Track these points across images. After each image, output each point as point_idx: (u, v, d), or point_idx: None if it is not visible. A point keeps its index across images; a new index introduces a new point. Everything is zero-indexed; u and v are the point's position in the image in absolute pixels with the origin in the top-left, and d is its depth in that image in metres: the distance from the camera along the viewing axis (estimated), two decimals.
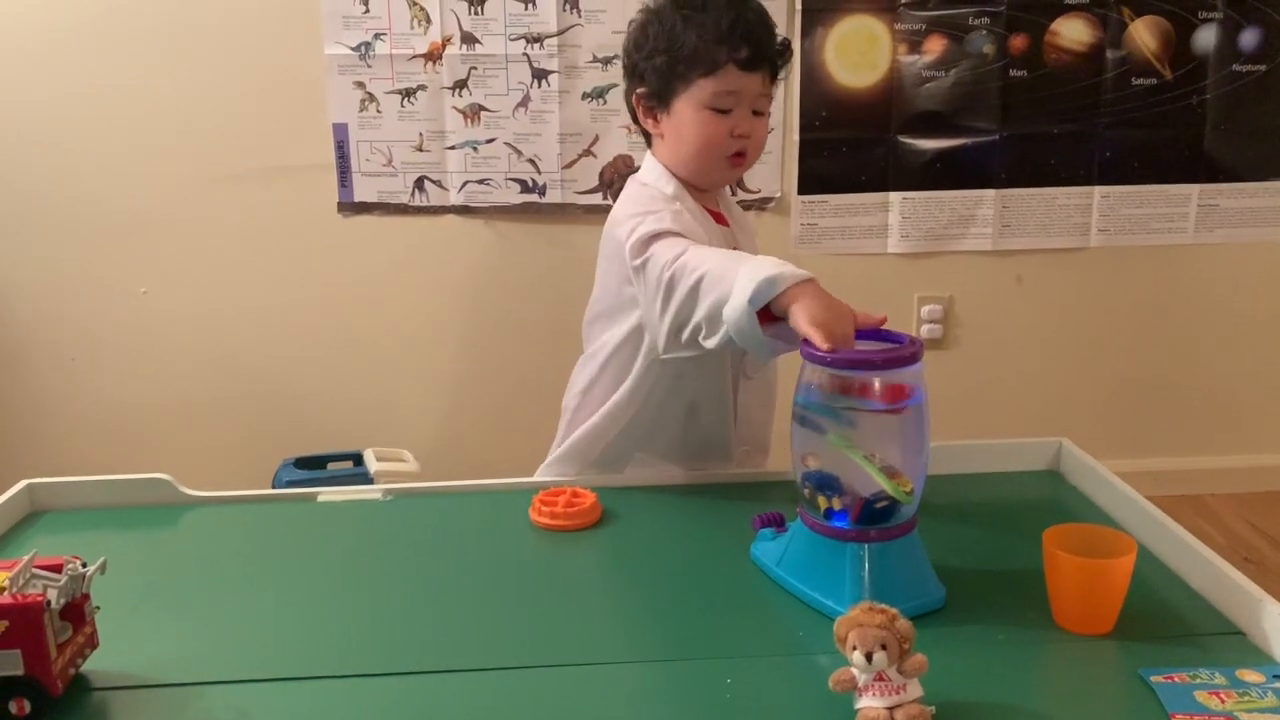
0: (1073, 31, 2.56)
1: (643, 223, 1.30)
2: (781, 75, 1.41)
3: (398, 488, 1.41)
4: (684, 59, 1.34)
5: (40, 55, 2.44)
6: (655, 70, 1.37)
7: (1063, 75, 2.57)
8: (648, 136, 1.45)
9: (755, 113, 1.37)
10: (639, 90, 1.40)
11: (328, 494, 1.39)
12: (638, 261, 1.28)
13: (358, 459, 2.52)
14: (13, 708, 0.91)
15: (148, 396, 2.62)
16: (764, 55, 1.35)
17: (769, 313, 1.12)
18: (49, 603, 0.91)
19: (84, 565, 0.97)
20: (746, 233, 1.50)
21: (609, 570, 1.19)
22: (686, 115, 1.36)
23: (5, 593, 0.90)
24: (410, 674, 0.99)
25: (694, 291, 1.19)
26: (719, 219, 1.44)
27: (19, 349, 2.58)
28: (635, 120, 1.44)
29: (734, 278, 1.13)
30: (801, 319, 1.06)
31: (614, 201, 2.52)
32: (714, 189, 1.45)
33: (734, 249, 1.40)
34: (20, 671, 0.90)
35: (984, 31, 2.54)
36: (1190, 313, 2.74)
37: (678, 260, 1.22)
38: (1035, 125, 2.59)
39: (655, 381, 1.40)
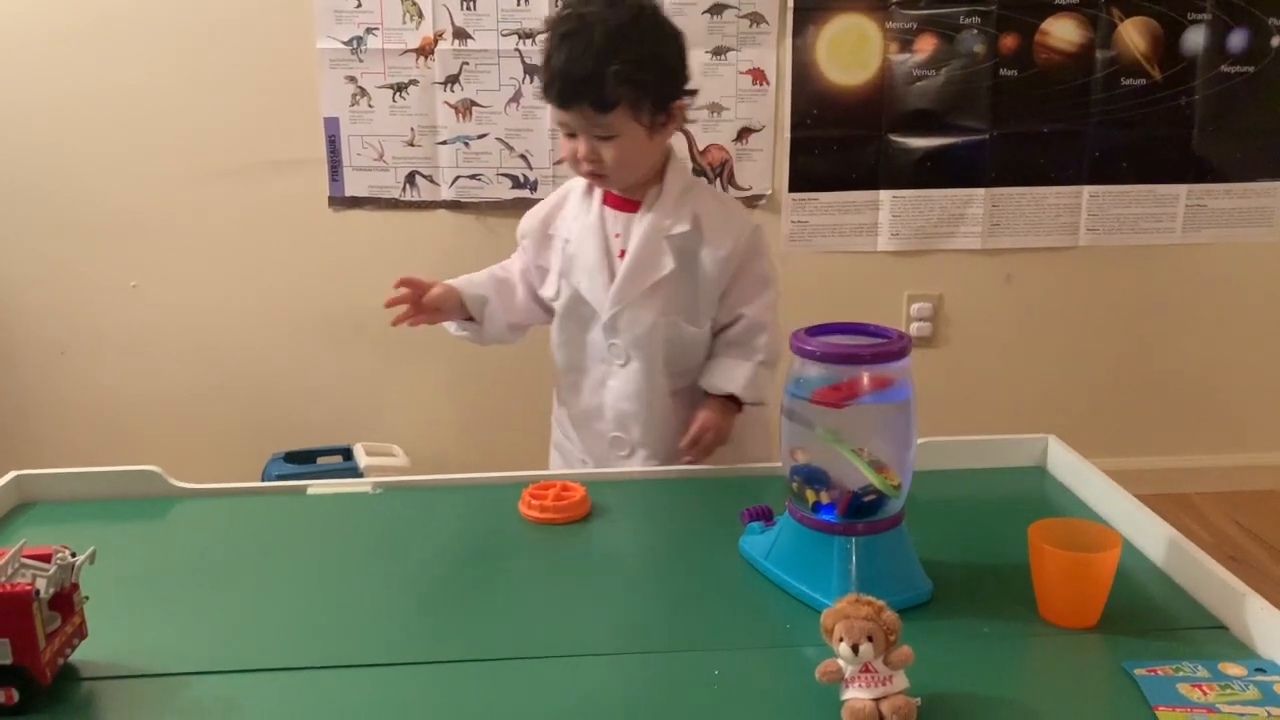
0: (1063, 31, 2.57)
1: None
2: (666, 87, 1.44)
3: (387, 480, 1.41)
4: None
5: (31, 53, 2.44)
6: None
7: (1053, 75, 2.58)
8: None
9: (605, 138, 1.42)
10: None
11: (317, 487, 1.39)
12: None
13: (347, 453, 2.52)
14: (1, 697, 0.91)
15: (138, 389, 2.61)
16: (570, 93, 1.40)
17: None
18: (38, 592, 0.91)
19: (73, 555, 0.97)
20: (661, 226, 1.48)
21: (598, 563, 1.20)
22: None
23: None
24: (399, 665, 0.99)
25: None
26: (623, 205, 1.51)
27: (9, 341, 2.58)
28: None
29: None
30: None
31: None
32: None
33: (615, 235, 1.50)
34: (9, 661, 0.90)
35: (975, 31, 2.55)
36: (1178, 312, 2.75)
37: None
38: (1025, 125, 2.61)
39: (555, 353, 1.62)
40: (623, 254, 1.49)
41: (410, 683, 0.96)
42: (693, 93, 1.52)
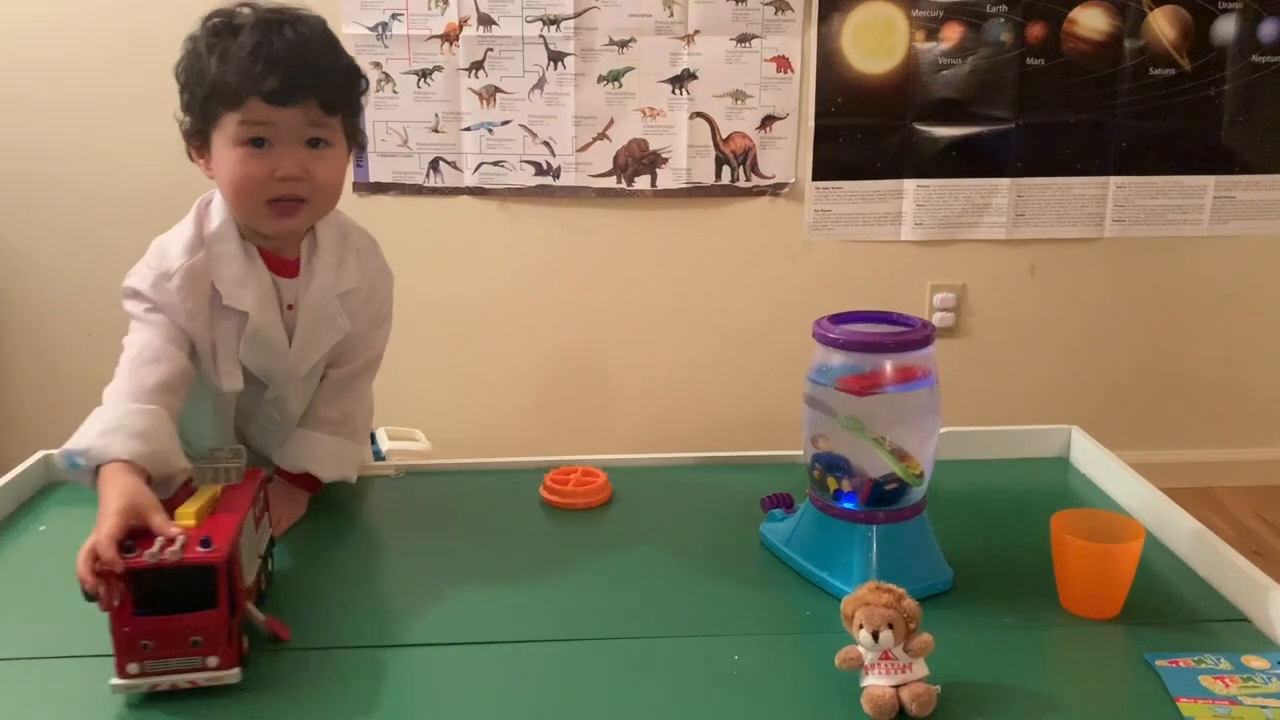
0: (1091, 20, 2.54)
1: (137, 271, 1.26)
2: (355, 106, 1.26)
3: (410, 464, 1.42)
4: (204, 92, 1.18)
5: (56, 36, 2.45)
6: (186, 106, 1.23)
7: (1080, 64, 2.56)
8: None
9: (315, 142, 1.20)
10: (182, 127, 1.25)
11: None
12: (124, 302, 1.28)
13: (370, 437, 2.53)
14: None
15: None
16: (297, 85, 1.16)
17: None
18: None
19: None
20: (332, 286, 1.28)
21: (618, 548, 1.20)
22: (220, 154, 1.20)
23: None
24: (420, 646, 1.00)
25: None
26: (283, 268, 1.26)
27: (37, 324, 2.60)
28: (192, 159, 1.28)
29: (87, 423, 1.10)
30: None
31: (627, 185, 2.55)
32: (274, 237, 1.26)
33: (289, 307, 1.26)
34: None
35: (1002, 19, 2.53)
36: (1203, 305, 2.73)
37: (122, 356, 1.22)
38: (1051, 114, 2.58)
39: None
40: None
41: (430, 664, 0.97)
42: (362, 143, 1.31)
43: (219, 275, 1.22)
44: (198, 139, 1.23)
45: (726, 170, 2.58)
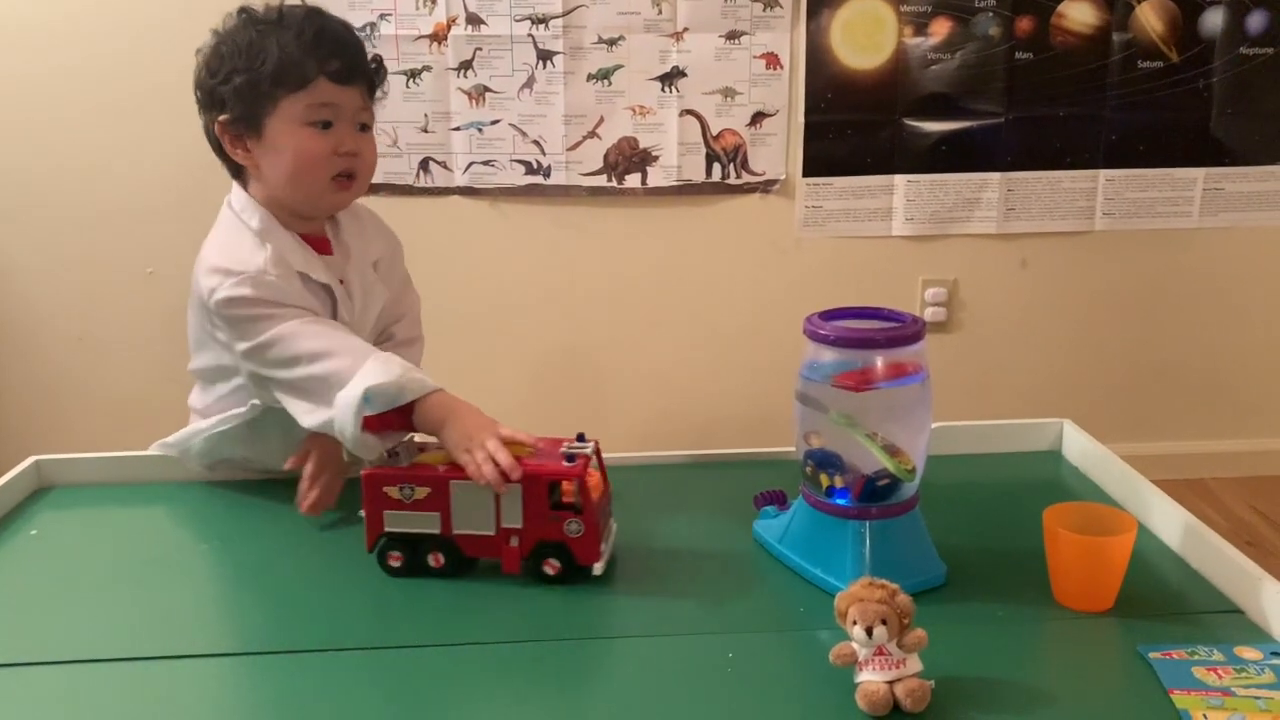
0: (1079, 14, 2.55)
1: (224, 283, 1.22)
2: (380, 94, 1.33)
3: None
4: (268, 76, 1.22)
5: (44, 39, 2.44)
6: (236, 93, 1.23)
7: (1069, 58, 2.57)
8: (235, 170, 1.31)
9: (363, 127, 1.29)
10: (220, 118, 1.25)
11: None
12: (225, 315, 1.23)
13: None
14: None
15: (155, 375, 2.62)
16: (357, 67, 1.26)
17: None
18: None
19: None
20: (365, 256, 1.38)
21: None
22: (280, 136, 1.23)
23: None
24: (418, 647, 1.00)
25: (307, 383, 1.18)
26: (322, 246, 1.33)
27: (28, 328, 2.59)
28: (221, 155, 1.30)
29: (350, 382, 1.14)
30: (448, 444, 1.16)
31: (618, 183, 2.55)
32: (319, 215, 1.34)
33: (339, 281, 1.32)
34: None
35: (990, 14, 2.53)
36: (1194, 297, 2.74)
37: (287, 345, 1.19)
38: (1041, 108, 2.59)
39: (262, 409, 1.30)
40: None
41: (429, 664, 0.97)
42: None
43: (292, 260, 1.27)
44: (243, 126, 1.25)
45: (717, 167, 2.58)
